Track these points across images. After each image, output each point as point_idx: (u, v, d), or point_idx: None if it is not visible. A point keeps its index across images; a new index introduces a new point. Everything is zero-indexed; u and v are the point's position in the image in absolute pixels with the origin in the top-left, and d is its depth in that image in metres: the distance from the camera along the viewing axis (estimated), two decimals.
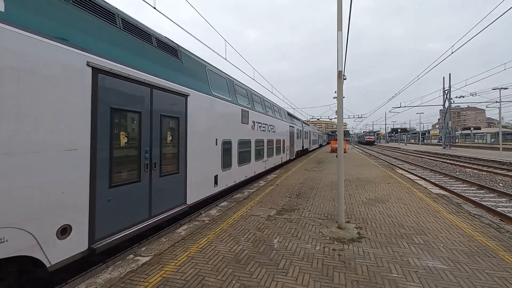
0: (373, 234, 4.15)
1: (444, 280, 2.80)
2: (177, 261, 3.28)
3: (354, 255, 3.43)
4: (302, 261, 3.26)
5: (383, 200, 6.34)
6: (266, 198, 6.63)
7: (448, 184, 11.07)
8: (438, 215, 5.07)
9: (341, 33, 4.44)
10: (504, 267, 3.08)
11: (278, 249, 3.61)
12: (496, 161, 17.28)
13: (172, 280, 2.85)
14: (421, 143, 63.78)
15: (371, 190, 7.56)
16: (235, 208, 5.73)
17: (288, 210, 5.51)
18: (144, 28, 4.44)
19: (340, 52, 4.40)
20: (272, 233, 4.23)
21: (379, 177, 9.93)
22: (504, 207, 7.62)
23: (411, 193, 7.06)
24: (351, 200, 6.38)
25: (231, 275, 2.93)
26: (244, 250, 3.58)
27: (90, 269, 3.54)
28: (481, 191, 9.83)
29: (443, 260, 3.25)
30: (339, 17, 4.48)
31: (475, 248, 3.58)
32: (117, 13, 3.89)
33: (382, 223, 4.67)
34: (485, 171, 14.23)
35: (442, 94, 34.72)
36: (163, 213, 4.45)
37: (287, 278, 2.87)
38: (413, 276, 2.88)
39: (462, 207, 5.69)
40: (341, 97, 4.87)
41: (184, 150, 5.07)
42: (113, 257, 3.91)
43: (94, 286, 2.74)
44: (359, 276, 2.91)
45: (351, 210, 5.47)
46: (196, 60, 6.10)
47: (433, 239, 3.90)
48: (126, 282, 2.81)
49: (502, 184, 10.88)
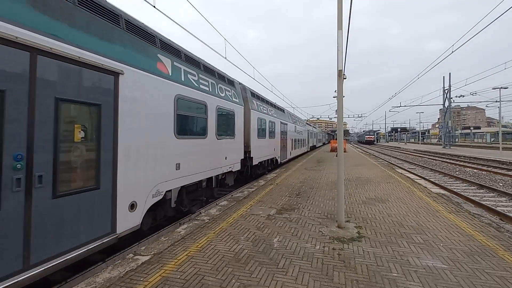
0: (373, 233, 4.15)
1: (444, 280, 2.79)
2: (177, 260, 3.27)
3: (354, 254, 3.43)
4: (301, 261, 3.25)
5: (383, 199, 6.34)
6: (266, 197, 6.63)
7: (448, 184, 11.08)
8: (438, 215, 5.07)
9: (341, 32, 4.42)
10: (504, 266, 3.08)
11: (278, 249, 3.61)
12: (496, 161, 17.28)
13: (171, 279, 2.84)
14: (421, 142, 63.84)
15: (371, 189, 7.56)
16: (235, 207, 5.72)
17: (288, 209, 5.50)
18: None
19: (340, 51, 4.38)
20: (272, 232, 4.23)
21: (379, 177, 9.93)
22: (504, 206, 7.63)
23: (411, 193, 7.06)
24: (351, 199, 6.37)
25: (231, 274, 2.92)
26: (244, 250, 3.57)
27: (89, 268, 3.54)
28: (481, 190, 9.83)
29: (443, 259, 3.25)
30: (339, 16, 4.46)
31: (475, 248, 3.58)
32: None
33: (382, 222, 4.67)
34: (485, 171, 14.23)
35: (442, 93, 34.72)
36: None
37: (287, 277, 2.87)
38: (413, 276, 2.88)
39: (462, 206, 5.69)
40: (341, 96, 4.86)
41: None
42: (113, 256, 3.91)
43: (94, 285, 2.74)
44: (359, 275, 2.91)
45: (351, 210, 5.47)
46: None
47: (433, 239, 3.90)
48: (125, 281, 2.81)
49: (501, 184, 10.88)
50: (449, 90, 33.56)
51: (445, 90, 34.05)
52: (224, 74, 7.79)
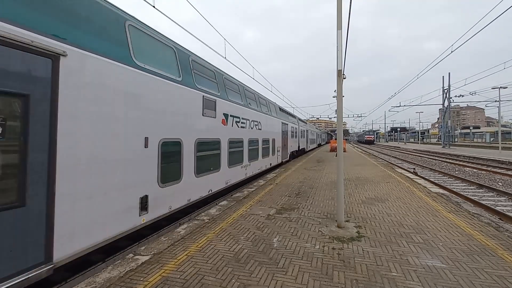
0: (372, 233, 4.16)
1: (444, 279, 2.80)
2: (177, 260, 3.27)
3: (354, 254, 3.43)
4: (301, 260, 3.26)
5: (382, 199, 6.35)
6: (266, 197, 6.63)
7: (448, 183, 11.09)
8: (437, 214, 5.08)
9: (340, 32, 4.42)
10: (503, 265, 3.08)
11: (278, 248, 3.61)
12: (495, 160, 17.31)
13: (171, 279, 2.85)
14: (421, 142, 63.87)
15: (371, 189, 7.57)
16: (234, 207, 5.73)
17: (288, 209, 5.51)
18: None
19: (340, 51, 4.39)
20: (271, 232, 4.23)
21: (378, 176, 9.94)
22: (503, 206, 7.65)
23: (410, 192, 7.06)
24: (351, 199, 6.38)
25: (231, 274, 2.93)
26: (243, 249, 3.58)
27: (89, 268, 3.54)
28: (480, 190, 9.85)
29: (442, 259, 3.26)
30: (339, 15, 4.46)
31: (474, 247, 3.59)
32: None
33: (381, 222, 4.68)
34: (484, 170, 14.26)
35: (442, 93, 34.74)
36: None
37: (287, 277, 2.88)
38: (413, 275, 2.88)
39: (462, 206, 5.70)
40: (341, 96, 4.86)
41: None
42: (113, 256, 3.92)
43: (94, 285, 2.74)
44: (359, 275, 2.91)
45: (350, 209, 5.47)
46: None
47: (433, 238, 3.90)
48: (125, 281, 2.81)
49: (501, 183, 10.90)
50: (449, 89, 33.59)
51: (445, 90, 34.08)
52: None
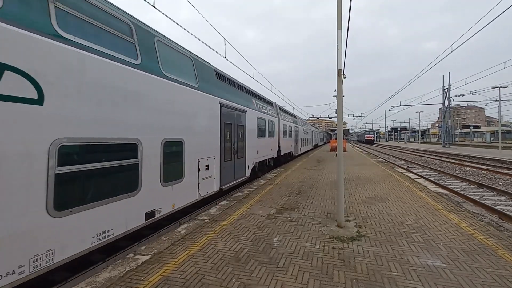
0: (372, 232, 4.16)
1: (444, 279, 2.80)
2: (177, 260, 3.28)
3: (354, 253, 3.43)
4: (301, 260, 3.26)
5: (382, 198, 6.35)
6: (266, 196, 6.63)
7: (448, 183, 11.10)
8: (437, 214, 5.08)
9: (340, 31, 4.42)
10: (503, 265, 3.08)
11: (278, 248, 3.61)
12: (495, 160, 17.31)
13: (172, 278, 2.85)
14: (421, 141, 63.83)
15: (371, 188, 7.57)
16: (235, 207, 5.73)
17: (288, 209, 5.51)
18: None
19: (340, 50, 4.38)
20: (272, 231, 4.24)
21: (378, 176, 9.93)
22: (503, 205, 7.65)
23: (410, 192, 7.06)
24: (351, 198, 6.38)
25: (231, 274, 2.93)
26: (244, 249, 3.58)
27: (90, 267, 3.55)
28: (480, 189, 9.85)
29: (442, 258, 3.26)
30: (339, 15, 4.46)
31: (475, 247, 3.59)
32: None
33: (381, 221, 4.68)
34: (484, 170, 14.25)
35: (442, 92, 34.72)
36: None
37: (287, 276, 2.88)
38: (413, 275, 2.89)
39: (462, 205, 5.70)
40: (341, 96, 4.86)
41: None
42: (113, 256, 3.92)
43: (94, 285, 2.75)
44: (359, 274, 2.91)
45: (350, 209, 5.47)
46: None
47: (433, 238, 3.91)
48: (126, 281, 2.81)
49: (501, 183, 10.90)
50: (449, 89, 33.56)
51: (445, 89, 34.06)
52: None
